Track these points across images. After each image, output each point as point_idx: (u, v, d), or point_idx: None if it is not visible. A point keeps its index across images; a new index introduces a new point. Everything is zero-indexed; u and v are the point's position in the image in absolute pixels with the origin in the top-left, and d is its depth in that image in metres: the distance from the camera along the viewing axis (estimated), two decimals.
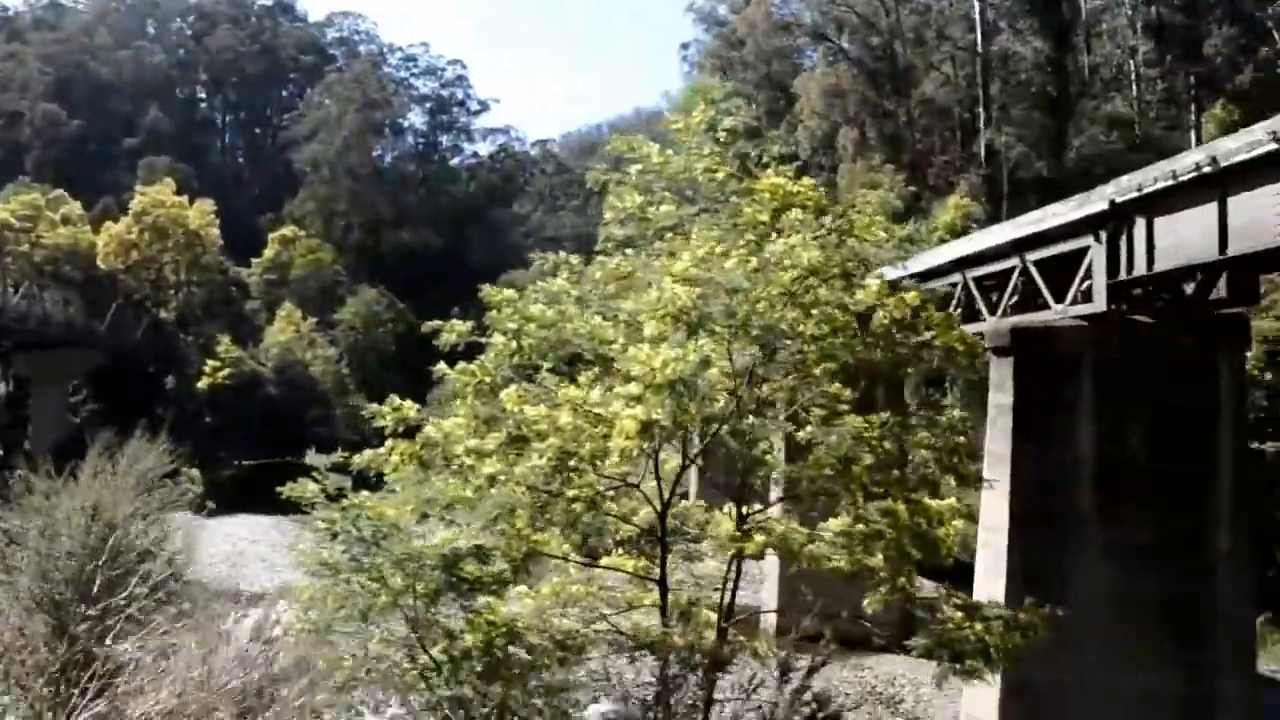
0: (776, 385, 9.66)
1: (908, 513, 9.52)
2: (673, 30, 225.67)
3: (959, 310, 21.05)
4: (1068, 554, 17.40)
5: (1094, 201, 17.73)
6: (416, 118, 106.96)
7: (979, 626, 9.39)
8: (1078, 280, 18.49)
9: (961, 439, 9.99)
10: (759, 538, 9.13)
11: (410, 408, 10.05)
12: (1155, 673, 17.10)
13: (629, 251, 10.61)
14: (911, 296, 9.79)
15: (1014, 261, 20.41)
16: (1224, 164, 14.51)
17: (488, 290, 10.57)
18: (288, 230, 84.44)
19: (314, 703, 8.66)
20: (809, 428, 9.55)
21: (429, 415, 10.38)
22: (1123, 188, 17.06)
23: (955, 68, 60.19)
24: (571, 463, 9.03)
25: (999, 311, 21.23)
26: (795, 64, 67.08)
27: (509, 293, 10.45)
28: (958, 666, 9.49)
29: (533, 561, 9.35)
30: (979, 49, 56.77)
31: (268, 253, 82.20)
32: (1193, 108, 53.45)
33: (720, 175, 10.11)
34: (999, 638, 9.32)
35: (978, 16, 56.70)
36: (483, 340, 10.82)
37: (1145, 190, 16.38)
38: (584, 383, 9.75)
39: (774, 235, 9.46)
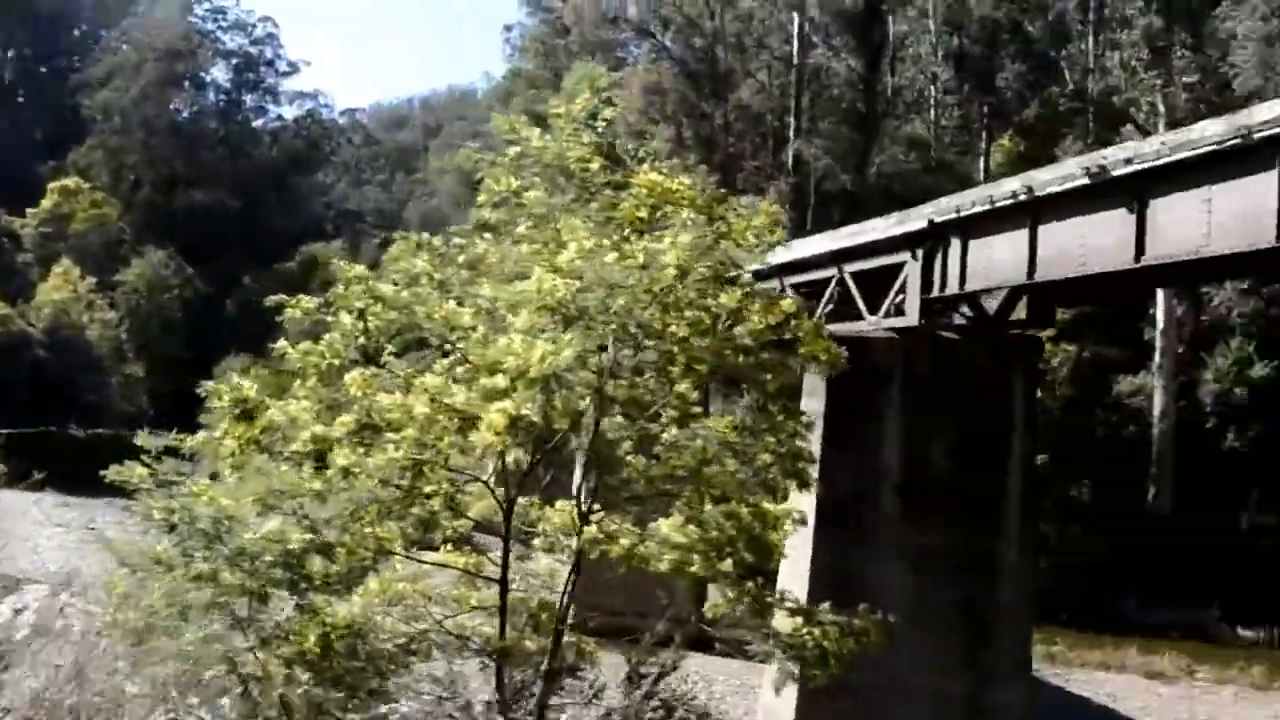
0: (629, 383, 9.51)
1: (749, 516, 9.56)
2: (497, 9, 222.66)
3: None
4: (874, 562, 17.83)
5: (913, 220, 18.37)
6: (220, 73, 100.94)
7: (817, 632, 9.52)
8: (892, 294, 19.10)
9: (805, 444, 10.13)
10: (624, 540, 8.95)
11: (249, 388, 9.36)
12: (953, 678, 17.92)
13: (487, 236, 10.29)
14: (787, 304, 9.84)
15: (832, 271, 20.91)
16: (1038, 194, 15.23)
17: (339, 266, 10.03)
18: (70, 181, 78.60)
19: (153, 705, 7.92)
20: (674, 429, 9.45)
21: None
22: (941, 209, 17.73)
23: (771, 77, 61.83)
24: (427, 455, 8.62)
25: (815, 318, 21.74)
26: (619, 58, 67.37)
27: (359, 269, 9.92)
28: (796, 671, 9.60)
29: (383, 559, 8.89)
30: (795, 60, 58.43)
31: (46, 203, 76.29)
32: (984, 136, 56.62)
33: (594, 165, 9.89)
34: (835, 643, 9.47)
35: (795, 29, 58.33)
36: (279, 318, 10.28)
37: (963, 213, 17.06)
38: (440, 371, 9.34)
39: (650, 232, 9.31)
